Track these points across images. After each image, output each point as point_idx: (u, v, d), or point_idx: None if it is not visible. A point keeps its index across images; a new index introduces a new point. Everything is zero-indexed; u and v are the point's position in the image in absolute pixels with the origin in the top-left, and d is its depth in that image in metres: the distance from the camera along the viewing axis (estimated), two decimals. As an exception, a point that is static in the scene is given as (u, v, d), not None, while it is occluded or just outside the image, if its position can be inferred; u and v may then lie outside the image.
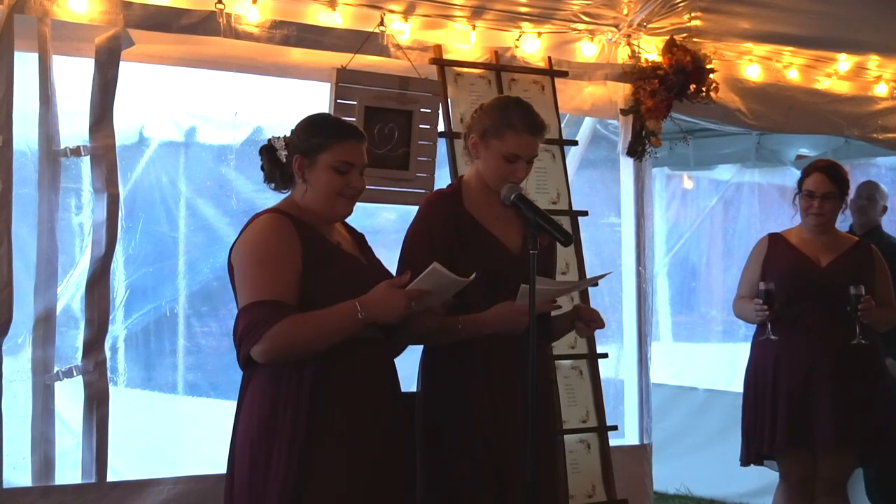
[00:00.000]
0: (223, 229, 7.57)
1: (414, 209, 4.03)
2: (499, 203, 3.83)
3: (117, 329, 7.57)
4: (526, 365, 3.61)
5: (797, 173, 8.71)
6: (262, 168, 3.70)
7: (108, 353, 7.57)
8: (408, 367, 3.90)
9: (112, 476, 4.78)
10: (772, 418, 5.22)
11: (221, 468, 5.08)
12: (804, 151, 8.44)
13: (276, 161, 3.63)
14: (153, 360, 7.89)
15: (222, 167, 7.37)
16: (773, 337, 5.12)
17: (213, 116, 6.99)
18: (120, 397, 7.53)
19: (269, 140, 3.69)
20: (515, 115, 3.83)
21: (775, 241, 5.37)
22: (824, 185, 5.26)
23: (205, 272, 7.73)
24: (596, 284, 4.37)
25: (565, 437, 5.46)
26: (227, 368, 7.91)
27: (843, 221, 6.77)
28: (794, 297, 5.20)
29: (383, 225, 7.25)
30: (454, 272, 3.49)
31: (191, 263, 7.67)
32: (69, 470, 4.76)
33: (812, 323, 5.19)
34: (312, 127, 3.60)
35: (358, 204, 4.79)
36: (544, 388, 3.92)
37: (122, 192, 7.34)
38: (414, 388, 3.94)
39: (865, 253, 5.34)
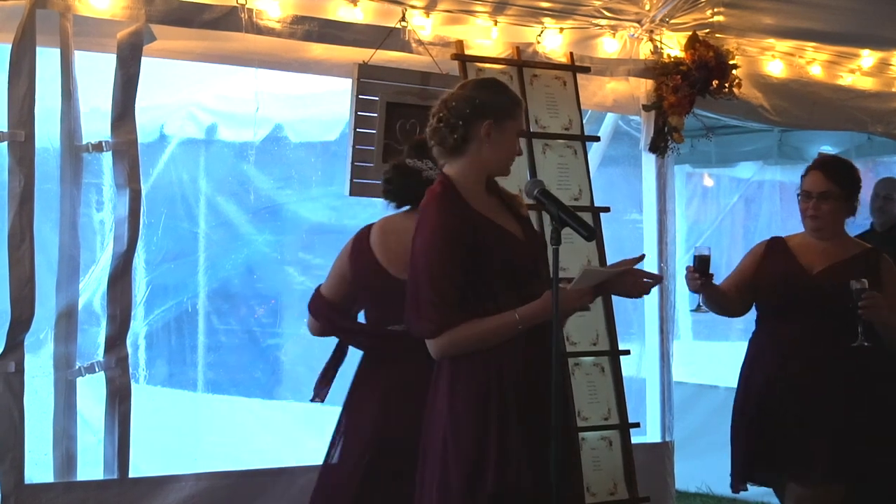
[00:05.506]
0: (243, 226, 7.59)
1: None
2: (488, 192, 3.70)
3: (138, 326, 7.60)
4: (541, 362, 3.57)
5: (820, 171, 8.77)
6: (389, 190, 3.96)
7: (129, 350, 7.70)
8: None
9: (133, 472, 4.79)
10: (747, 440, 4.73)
11: (242, 465, 5.14)
12: (826, 148, 8.39)
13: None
14: (174, 357, 7.91)
15: (243, 164, 7.38)
16: (704, 309, 4.66)
17: (233, 114, 7.00)
18: (141, 394, 7.58)
19: (408, 163, 3.97)
20: (512, 92, 3.73)
21: (773, 246, 4.83)
22: (821, 183, 4.65)
23: (226, 269, 7.75)
24: (640, 261, 4.17)
25: (588, 434, 5.46)
26: (247, 366, 7.95)
27: (866, 219, 6.75)
28: (779, 307, 4.70)
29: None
30: (478, 273, 3.51)
31: (211, 260, 7.69)
32: (91, 466, 4.77)
33: (789, 336, 4.63)
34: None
35: (377, 200, 4.81)
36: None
37: (143, 189, 7.50)
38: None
39: (872, 261, 4.70)
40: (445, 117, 3.62)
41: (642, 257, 3.79)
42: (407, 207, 3.97)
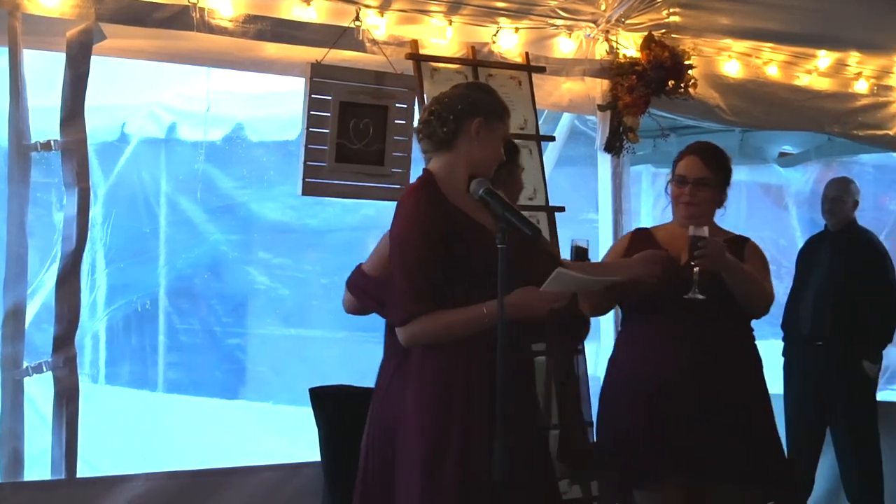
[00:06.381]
0: (203, 225, 7.59)
1: (389, 204, 3.97)
2: (468, 190, 3.75)
3: (98, 322, 7.59)
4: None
5: (779, 170, 8.81)
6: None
7: (89, 348, 7.66)
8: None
9: (93, 472, 4.77)
10: (632, 440, 4.40)
11: (200, 465, 5.12)
12: (787, 149, 8.43)
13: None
14: (135, 357, 7.91)
15: (203, 163, 7.37)
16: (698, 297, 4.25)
17: (193, 113, 6.99)
18: (101, 393, 7.57)
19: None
20: (502, 98, 3.82)
21: (638, 238, 4.58)
22: (699, 169, 4.41)
23: (186, 268, 7.75)
24: (617, 283, 4.12)
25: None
26: (207, 366, 7.94)
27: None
28: (647, 302, 4.40)
29: (362, 222, 7.27)
30: (452, 267, 3.55)
31: (171, 259, 7.69)
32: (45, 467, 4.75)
33: (666, 331, 4.37)
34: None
35: (337, 200, 4.79)
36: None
37: (104, 187, 7.50)
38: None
39: (738, 249, 4.41)
40: (437, 111, 3.72)
41: (619, 280, 3.98)
42: None
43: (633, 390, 4.41)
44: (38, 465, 4.73)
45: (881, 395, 8.54)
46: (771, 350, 6.95)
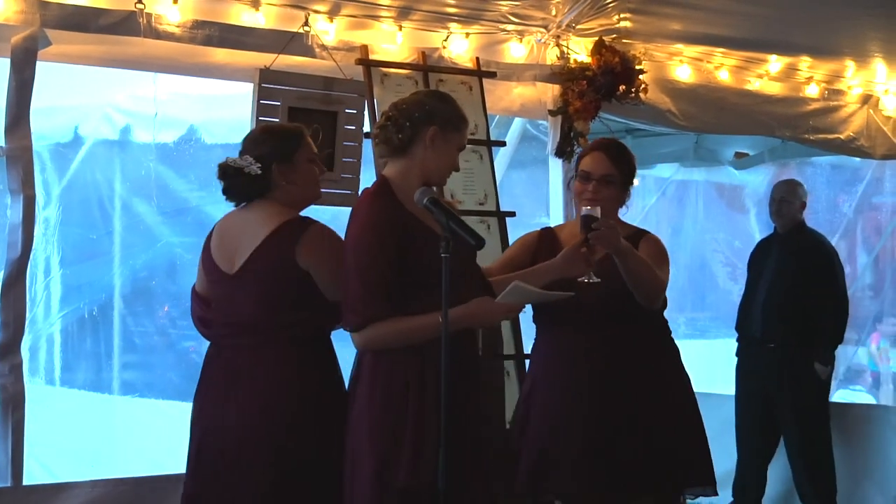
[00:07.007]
0: (158, 227, 7.56)
1: (340, 210, 3.99)
2: None
3: (53, 325, 7.55)
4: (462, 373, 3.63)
5: (735, 172, 8.87)
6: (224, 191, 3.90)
7: (44, 351, 7.61)
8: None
9: (47, 476, 4.73)
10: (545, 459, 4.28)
11: (156, 469, 5.09)
12: (741, 151, 8.49)
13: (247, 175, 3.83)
14: (89, 359, 7.87)
15: (157, 165, 7.35)
16: (594, 280, 4.09)
17: (147, 115, 6.97)
18: (56, 396, 7.53)
19: (229, 162, 3.92)
20: (461, 109, 3.84)
21: (542, 239, 4.43)
22: (604, 166, 4.26)
23: (140, 270, 7.71)
24: (571, 298, 3.98)
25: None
26: (162, 368, 7.91)
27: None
28: (555, 309, 4.17)
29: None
30: (406, 273, 3.59)
31: (126, 261, 7.65)
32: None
33: (571, 339, 4.27)
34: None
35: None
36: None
37: (58, 189, 7.46)
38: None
39: (635, 242, 4.24)
40: (394, 117, 3.76)
41: (572, 295, 3.92)
42: (243, 204, 3.93)
43: (541, 409, 4.31)
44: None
45: (839, 396, 8.67)
46: (725, 350, 7.04)
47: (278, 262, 3.75)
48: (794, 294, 6.59)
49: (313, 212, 7.20)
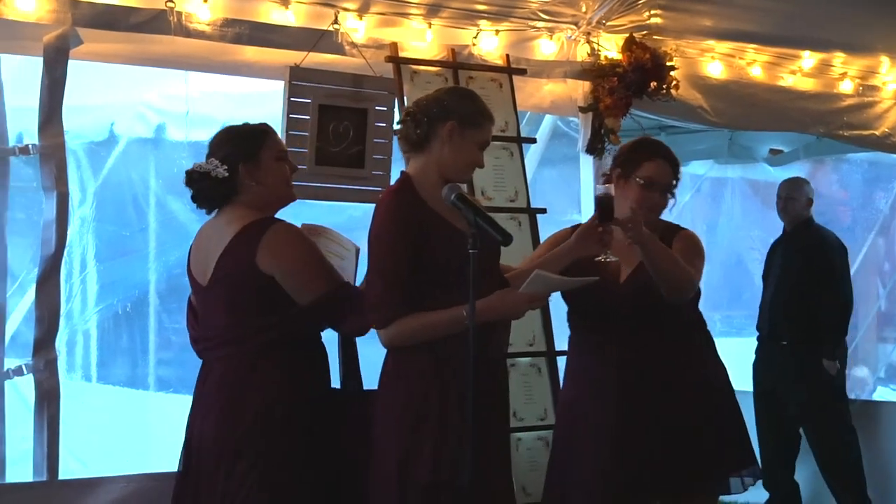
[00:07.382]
0: (192, 225, 7.59)
1: (371, 207, 3.99)
2: None
3: (90, 322, 7.62)
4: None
5: (770, 169, 8.82)
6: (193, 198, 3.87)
7: (80, 346, 7.68)
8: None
9: (82, 472, 4.76)
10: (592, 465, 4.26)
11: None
12: (776, 147, 8.44)
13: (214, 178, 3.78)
14: (125, 356, 7.93)
15: (192, 163, 7.38)
16: (611, 258, 4.06)
17: (181, 113, 7.02)
18: (92, 393, 7.60)
19: (195, 167, 3.88)
20: (483, 105, 3.83)
21: None
22: (668, 174, 4.24)
23: (175, 267, 7.76)
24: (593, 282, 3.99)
25: (524, 434, 5.48)
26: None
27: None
28: (597, 314, 4.28)
29: (347, 222, 7.26)
30: (421, 271, 3.59)
31: (161, 258, 7.71)
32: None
33: (618, 344, 4.24)
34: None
35: (318, 202, 4.79)
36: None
37: (94, 186, 7.53)
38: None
39: (669, 237, 4.24)
40: (413, 113, 3.78)
41: (596, 280, 3.92)
42: (216, 211, 3.87)
43: (583, 430, 4.29)
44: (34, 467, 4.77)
45: (880, 395, 8.62)
46: (749, 348, 7.04)
47: (241, 267, 3.68)
48: (799, 291, 6.64)
49: (348, 209, 7.27)
